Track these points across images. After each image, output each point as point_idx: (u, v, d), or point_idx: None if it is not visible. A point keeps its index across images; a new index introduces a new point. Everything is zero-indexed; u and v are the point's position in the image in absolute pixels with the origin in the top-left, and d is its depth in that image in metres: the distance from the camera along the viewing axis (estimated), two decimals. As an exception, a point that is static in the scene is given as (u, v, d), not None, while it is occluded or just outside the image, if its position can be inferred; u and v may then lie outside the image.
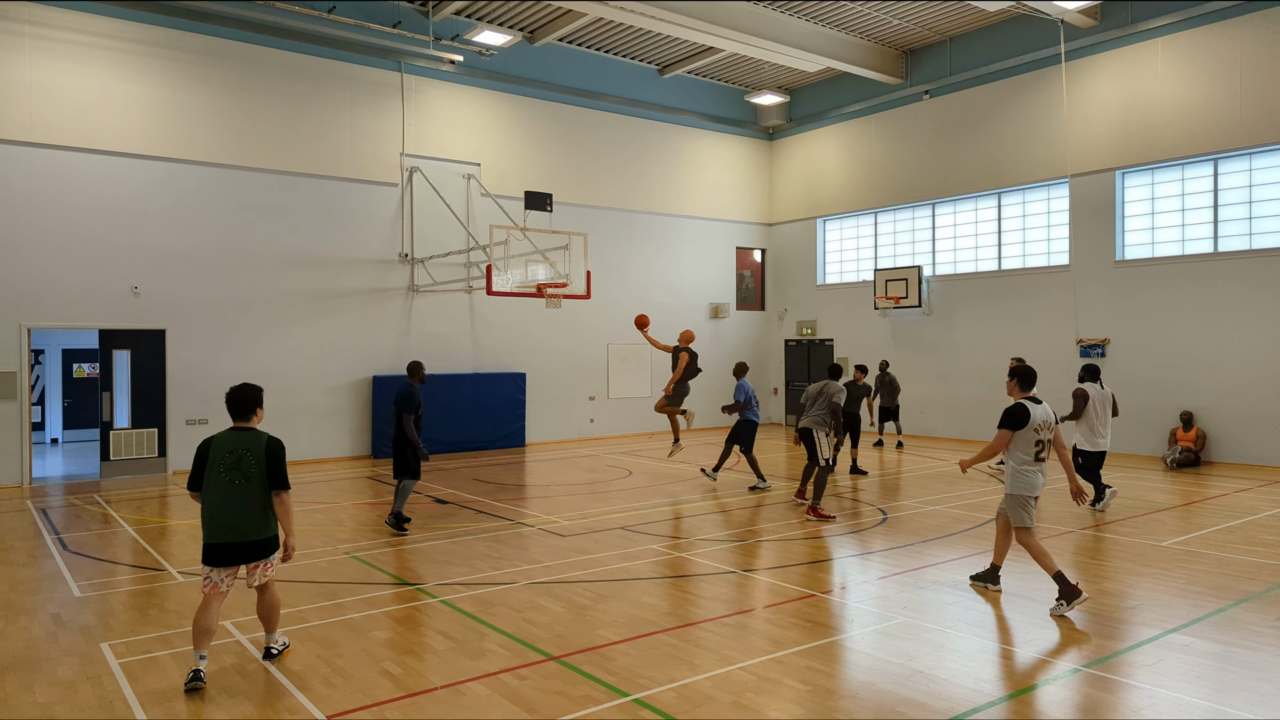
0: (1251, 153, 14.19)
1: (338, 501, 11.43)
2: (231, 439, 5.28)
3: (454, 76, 17.06)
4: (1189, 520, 9.74)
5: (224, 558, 5.15)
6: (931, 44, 18.56)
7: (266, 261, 14.98)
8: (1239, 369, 14.13)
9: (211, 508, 5.16)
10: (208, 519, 5.16)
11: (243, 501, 5.15)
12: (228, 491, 5.15)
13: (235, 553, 5.16)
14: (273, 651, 5.49)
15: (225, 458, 5.19)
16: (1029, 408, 6.44)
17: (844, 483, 12.57)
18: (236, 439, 5.28)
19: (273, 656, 5.46)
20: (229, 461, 5.18)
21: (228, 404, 5.45)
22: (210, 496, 5.17)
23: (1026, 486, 6.52)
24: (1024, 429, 6.42)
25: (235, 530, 5.14)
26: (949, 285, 18.60)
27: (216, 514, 5.15)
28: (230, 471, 5.17)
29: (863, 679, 5.11)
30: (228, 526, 5.13)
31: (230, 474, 5.16)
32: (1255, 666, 5.24)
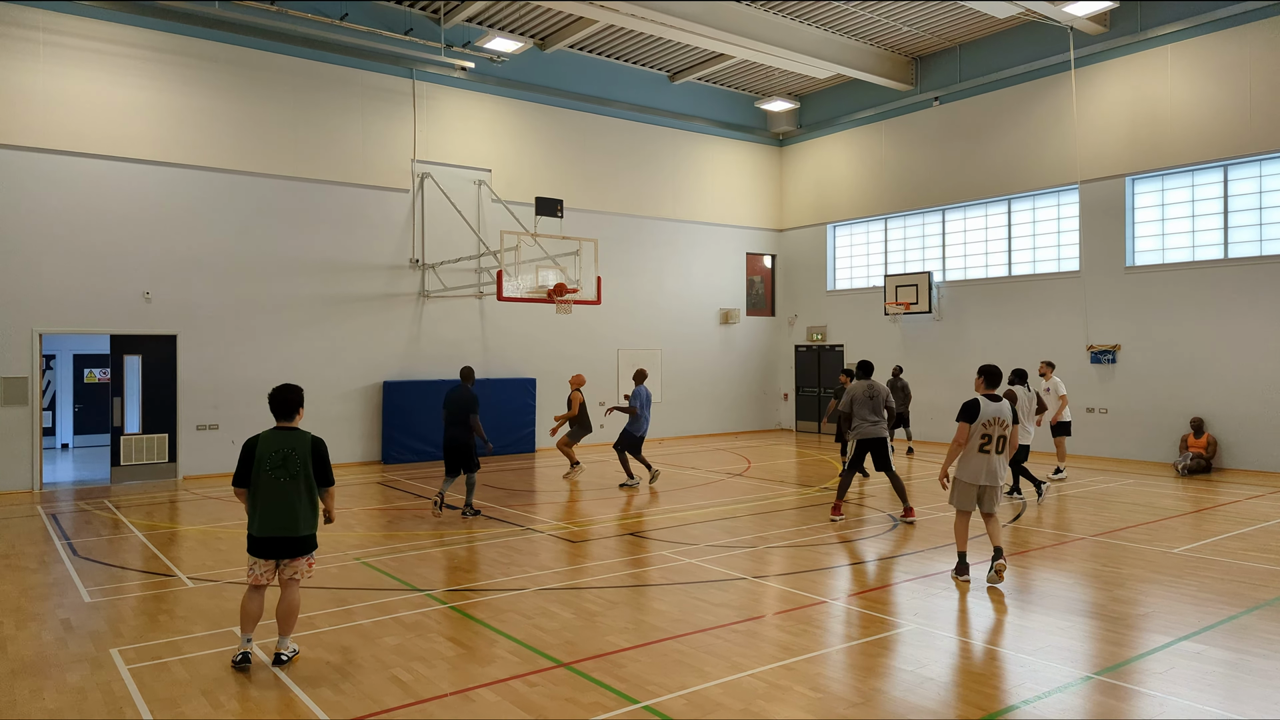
0: (1262, 159, 14.11)
1: (348, 507, 11.45)
2: (277, 438, 5.50)
3: (465, 83, 17.15)
4: (1200, 527, 9.67)
5: (269, 550, 5.43)
6: (941, 51, 18.55)
7: (278, 267, 15.07)
8: (1250, 375, 14.03)
9: (261, 503, 5.42)
10: (257, 513, 5.42)
11: (289, 498, 5.42)
12: (275, 488, 5.41)
13: (279, 546, 5.43)
14: (282, 658, 5.49)
15: (272, 456, 5.43)
16: (981, 403, 7.01)
17: (869, 486, 12.53)
18: (282, 438, 5.50)
19: (282, 663, 5.47)
20: (275, 460, 5.42)
21: (271, 404, 5.64)
22: (259, 493, 5.42)
23: (970, 474, 7.13)
24: (975, 422, 6.99)
25: (281, 525, 5.41)
26: (959, 291, 18.54)
27: (265, 509, 5.41)
28: (277, 470, 5.41)
29: (873, 686, 5.09)
30: (275, 521, 5.40)
31: (277, 472, 5.41)
32: (1268, 674, 5.19)
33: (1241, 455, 14.14)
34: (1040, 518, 10.26)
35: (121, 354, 13.93)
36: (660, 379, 19.84)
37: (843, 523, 9.95)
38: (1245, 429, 14.10)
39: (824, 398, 21.50)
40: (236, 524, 10.27)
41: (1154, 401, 15.19)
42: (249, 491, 5.48)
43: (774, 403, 22.52)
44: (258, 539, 5.45)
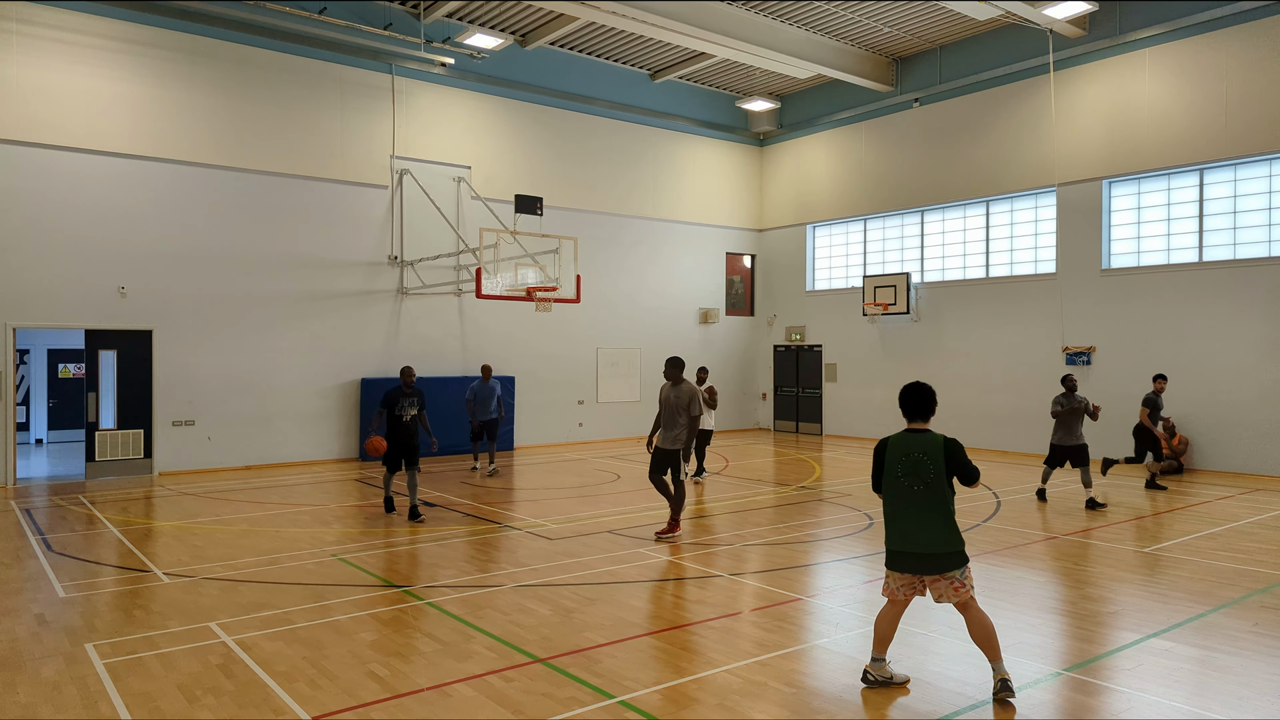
0: (1236, 163, 14.36)
1: (325, 504, 11.39)
2: (908, 441, 4.94)
3: (445, 79, 17.07)
4: (1171, 526, 9.84)
5: (902, 565, 4.93)
6: (921, 52, 18.70)
7: (255, 263, 14.93)
8: (1222, 378, 14.28)
9: (891, 511, 4.98)
10: (888, 523, 5.00)
11: (920, 508, 4.85)
12: (905, 497, 4.90)
13: (917, 562, 4.89)
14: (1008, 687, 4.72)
15: (902, 461, 4.91)
16: None
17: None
18: (913, 441, 4.93)
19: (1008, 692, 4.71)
20: (906, 465, 4.89)
21: (904, 403, 5.05)
22: (889, 501, 4.99)
23: None
24: None
25: (911, 539, 4.87)
26: (937, 292, 18.72)
27: (895, 519, 4.96)
28: (908, 476, 4.88)
29: (848, 682, 5.15)
30: (904, 534, 4.90)
31: (908, 478, 4.88)
32: (1234, 671, 5.30)
33: (1213, 456, 14.39)
34: (1013, 517, 10.40)
35: (96, 349, 13.76)
36: (640, 378, 19.87)
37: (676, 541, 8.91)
38: (1217, 430, 14.35)
39: (803, 398, 21.65)
40: (212, 520, 10.19)
41: (1128, 403, 15.39)
42: (883, 499, 5.05)
43: (752, 402, 22.62)
44: (893, 552, 4.95)
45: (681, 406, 8.80)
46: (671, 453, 8.92)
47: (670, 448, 8.91)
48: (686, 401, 8.79)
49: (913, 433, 4.97)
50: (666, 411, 8.92)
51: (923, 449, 4.87)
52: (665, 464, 9.00)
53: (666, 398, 8.94)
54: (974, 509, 10.80)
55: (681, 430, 8.83)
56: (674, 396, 8.87)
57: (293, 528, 9.76)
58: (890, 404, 19.30)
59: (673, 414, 8.87)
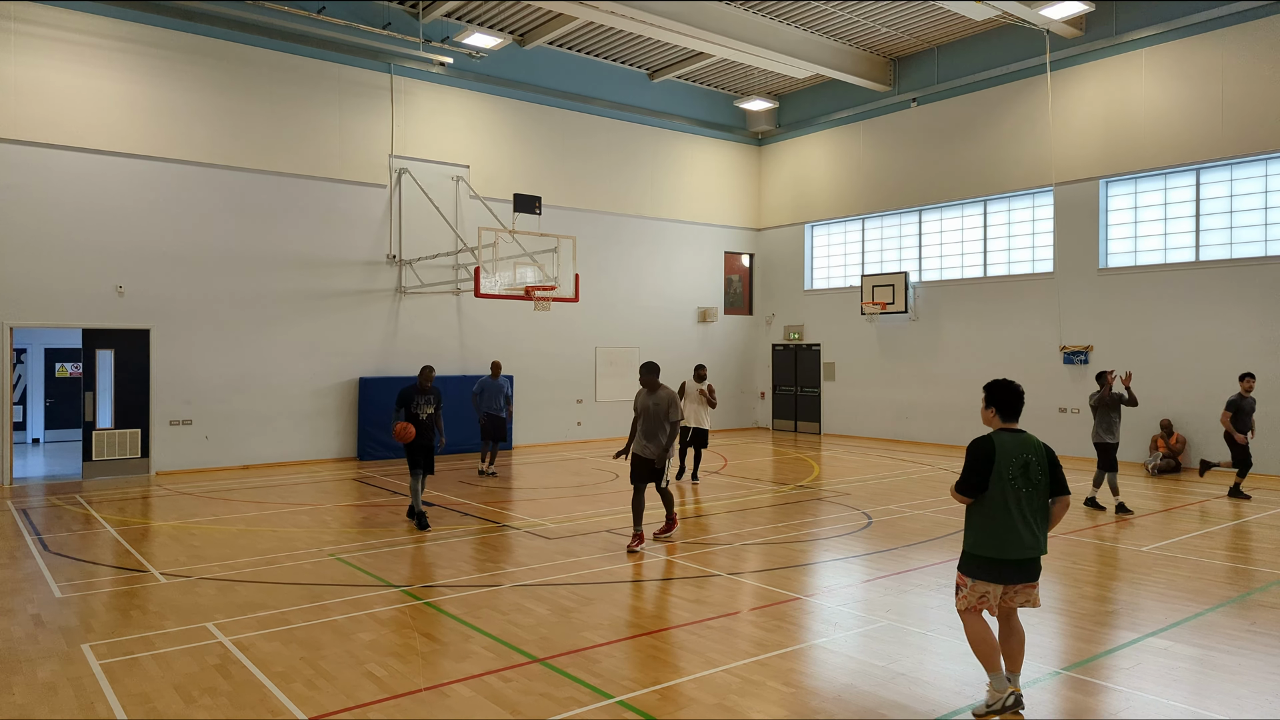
0: (1233, 163, 14.37)
1: (323, 503, 11.38)
2: (1016, 443, 4.65)
3: (443, 78, 17.05)
4: (1169, 526, 9.85)
5: (1001, 574, 4.62)
6: (919, 52, 18.70)
7: (253, 262, 14.91)
8: (1219, 377, 14.28)
9: (1001, 518, 4.57)
10: (995, 530, 4.59)
11: (1031, 513, 4.60)
12: (1017, 501, 4.57)
13: (1016, 570, 4.63)
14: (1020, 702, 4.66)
15: (1013, 463, 4.59)
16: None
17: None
18: (1017, 443, 4.65)
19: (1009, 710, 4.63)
20: (1017, 467, 4.59)
21: (1000, 401, 4.76)
22: (994, 506, 4.58)
23: None
24: None
25: (1015, 546, 4.58)
26: (935, 291, 18.72)
27: (997, 525, 4.58)
28: (1019, 479, 4.59)
29: (846, 681, 5.14)
30: (1007, 541, 4.58)
31: (1019, 481, 4.58)
32: (1232, 670, 5.31)
33: (1211, 455, 14.39)
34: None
35: (94, 348, 13.73)
36: (637, 377, 19.86)
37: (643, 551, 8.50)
38: (1214, 429, 14.35)
39: (802, 397, 21.65)
40: (210, 520, 10.17)
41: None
42: (976, 504, 4.66)
43: (751, 401, 22.62)
44: (994, 561, 4.60)
45: (661, 414, 8.37)
46: (660, 472, 8.51)
47: (653, 456, 8.46)
48: (666, 408, 8.36)
49: (1014, 433, 4.70)
50: (646, 420, 8.44)
51: (1029, 451, 4.64)
52: (648, 474, 8.53)
53: (644, 405, 8.47)
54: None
55: (664, 439, 8.42)
56: (652, 404, 8.41)
57: (290, 528, 9.75)
58: (887, 403, 19.34)
59: (653, 422, 8.40)
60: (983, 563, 4.64)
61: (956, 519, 10.09)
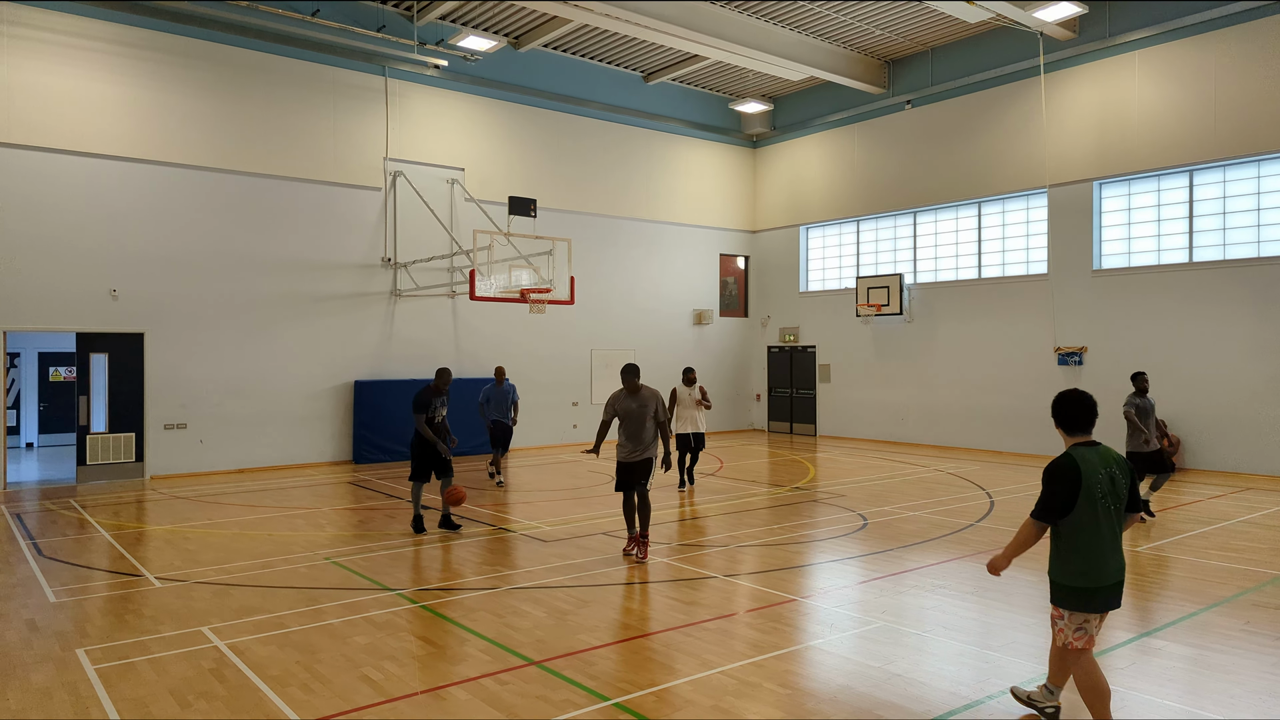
0: (1225, 165, 14.44)
1: (319, 507, 11.36)
2: (1097, 457, 4.26)
3: (438, 81, 17.05)
4: (1163, 526, 9.88)
5: (1101, 602, 4.24)
6: (913, 54, 18.76)
7: (247, 265, 14.89)
8: (1213, 377, 14.35)
9: (1093, 541, 4.19)
10: (1089, 556, 4.19)
11: (1114, 534, 4.26)
12: (1108, 521, 4.22)
13: (1110, 595, 4.26)
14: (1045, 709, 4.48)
15: (1100, 480, 4.20)
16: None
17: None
18: (1101, 456, 4.28)
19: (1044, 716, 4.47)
20: (1105, 484, 4.21)
21: (1069, 417, 4.38)
22: (1086, 529, 4.18)
23: None
24: None
25: (1109, 570, 4.23)
26: (930, 293, 18.77)
27: (1091, 549, 4.19)
28: (1109, 496, 4.22)
29: (841, 682, 5.15)
30: (1102, 566, 4.20)
31: (1109, 499, 4.22)
32: (1227, 669, 5.33)
33: (1204, 455, 14.46)
34: (1006, 516, 10.42)
35: (88, 352, 13.69)
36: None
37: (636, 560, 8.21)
38: (1208, 430, 14.42)
39: (797, 399, 21.68)
40: (205, 524, 10.15)
41: (1120, 403, 15.42)
42: (1060, 528, 4.25)
43: (747, 403, 22.63)
44: (1094, 590, 4.19)
45: (648, 414, 8.03)
46: (643, 464, 8.12)
47: (640, 459, 8.09)
48: (654, 407, 8.03)
49: (1091, 447, 4.30)
50: (628, 423, 8.05)
51: (1112, 464, 4.27)
52: (635, 479, 8.15)
53: (625, 409, 8.04)
54: (966, 509, 10.83)
55: (652, 441, 8.09)
56: (636, 405, 8.02)
57: (286, 531, 9.72)
58: (883, 404, 19.36)
59: (636, 425, 8.04)
60: (1078, 593, 4.23)
61: (952, 520, 10.11)
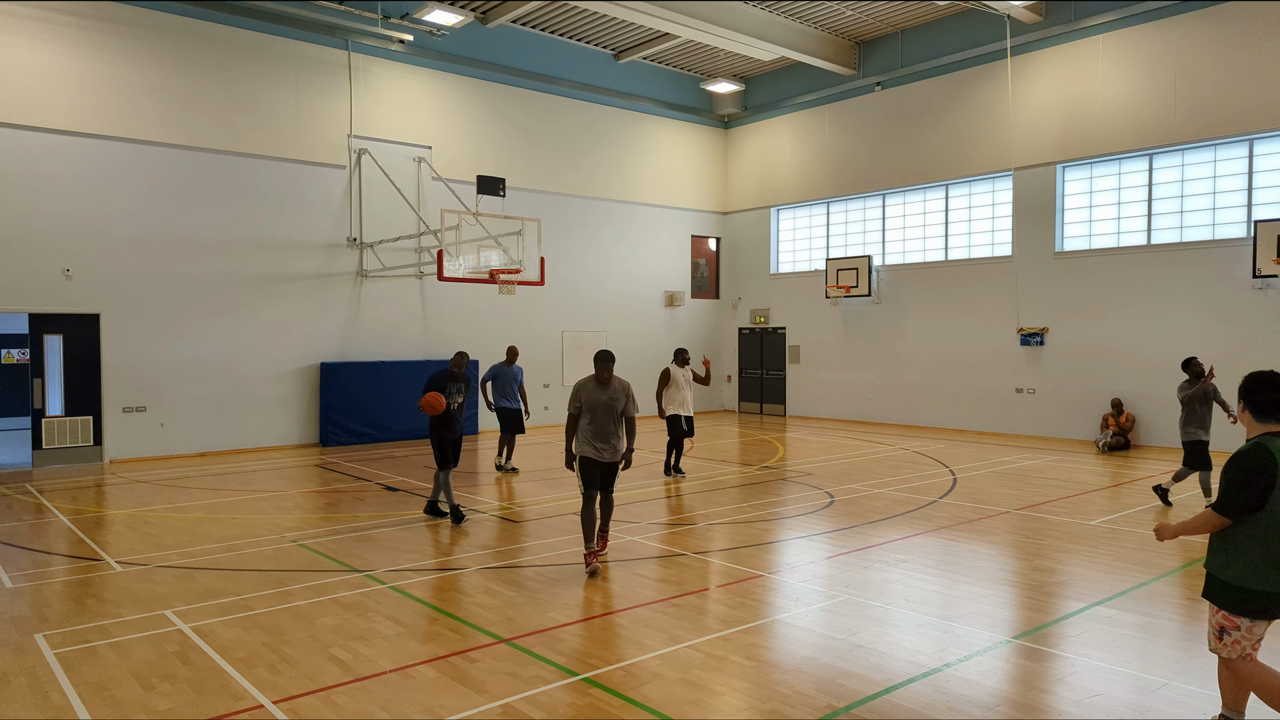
0: (1184, 149, 14.72)
1: (284, 490, 11.25)
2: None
3: (403, 56, 16.77)
4: (1117, 500, 10.16)
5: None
6: (883, 35, 18.82)
7: (207, 244, 14.59)
8: (1168, 356, 14.69)
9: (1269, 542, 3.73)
10: (1254, 555, 3.75)
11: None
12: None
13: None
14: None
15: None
16: None
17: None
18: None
19: None
20: None
21: (1263, 400, 3.90)
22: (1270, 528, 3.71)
23: None
24: None
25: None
26: (898, 275, 18.96)
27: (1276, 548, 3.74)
28: None
29: (805, 654, 5.25)
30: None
31: None
32: (1173, 636, 5.52)
33: (1158, 433, 14.85)
34: (969, 493, 10.64)
35: (41, 333, 13.36)
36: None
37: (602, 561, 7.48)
38: (1163, 407, 14.79)
39: (767, 379, 21.84)
40: (167, 508, 10.01)
41: (1078, 382, 15.83)
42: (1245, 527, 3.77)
43: (718, 384, 22.76)
44: (1271, 596, 3.73)
45: (619, 409, 7.13)
46: (612, 466, 7.22)
47: (610, 460, 7.17)
48: (624, 403, 7.15)
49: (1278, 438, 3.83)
50: (597, 417, 7.08)
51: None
52: (604, 481, 7.25)
53: (594, 401, 7.05)
54: (931, 486, 11.03)
55: (620, 438, 7.22)
56: (606, 397, 7.06)
57: (251, 514, 9.63)
58: (851, 385, 19.58)
59: (605, 419, 7.09)
60: (1262, 599, 3.75)
61: (916, 497, 10.29)
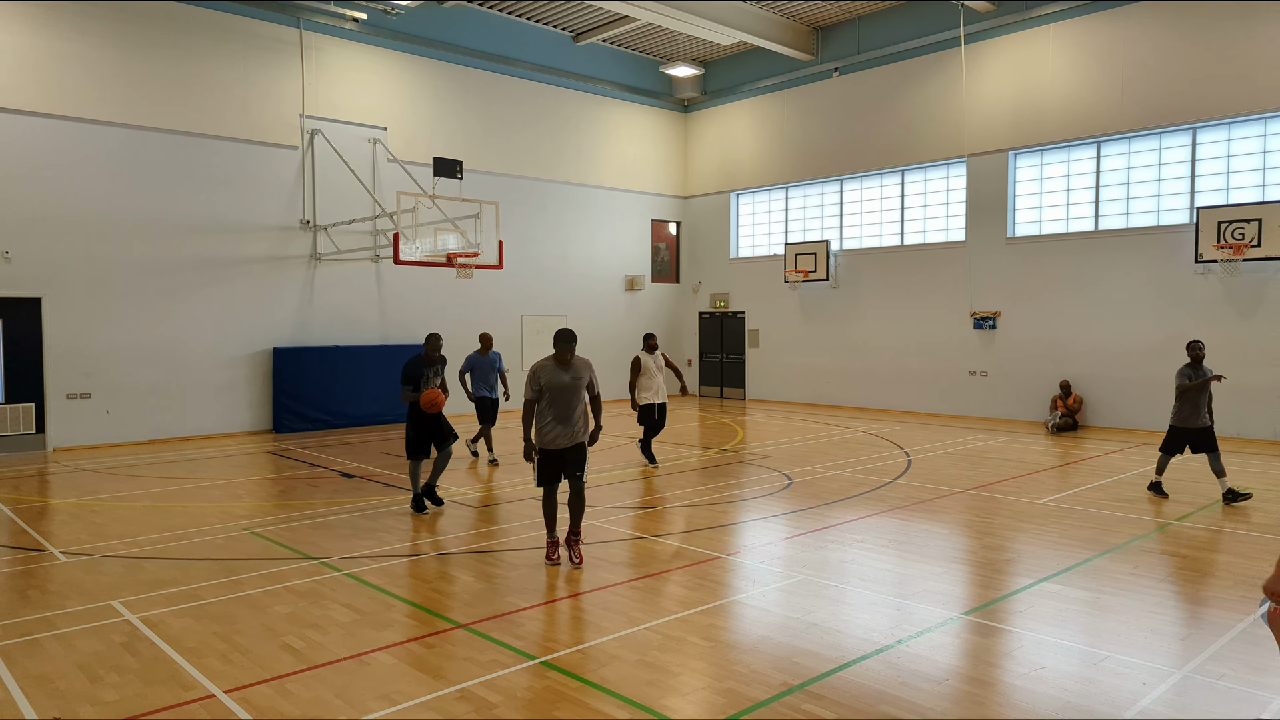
0: (1130, 136, 15.09)
1: (237, 477, 11.03)
2: None
3: (358, 35, 16.40)
4: (1065, 480, 10.45)
5: None
6: (841, 22, 18.91)
7: (154, 226, 14.17)
8: (1114, 339, 15.13)
9: None
10: None
11: None
12: None
13: None
14: None
15: None
16: None
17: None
18: None
19: None
20: None
21: None
22: None
23: None
24: None
25: None
26: (855, 259, 19.17)
27: None
28: None
29: (762, 633, 5.32)
30: None
31: None
32: (1116, 610, 5.71)
33: (1105, 414, 15.29)
34: (922, 474, 10.85)
35: (-21, 318, 12.88)
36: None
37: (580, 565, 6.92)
38: (1109, 389, 15.23)
39: (727, 363, 21.97)
40: (114, 497, 9.75)
41: (1028, 364, 16.21)
42: None
43: (679, 368, 22.80)
44: None
45: (581, 389, 6.70)
46: (577, 449, 6.80)
47: (573, 444, 6.76)
48: (587, 379, 6.75)
49: None
50: (558, 400, 6.63)
51: None
52: (569, 469, 6.81)
53: (556, 383, 6.60)
54: (886, 467, 11.23)
55: (585, 419, 6.85)
56: (569, 379, 6.63)
57: (201, 503, 9.43)
58: (809, 368, 19.80)
59: (570, 401, 6.66)
60: None
61: (873, 478, 10.47)
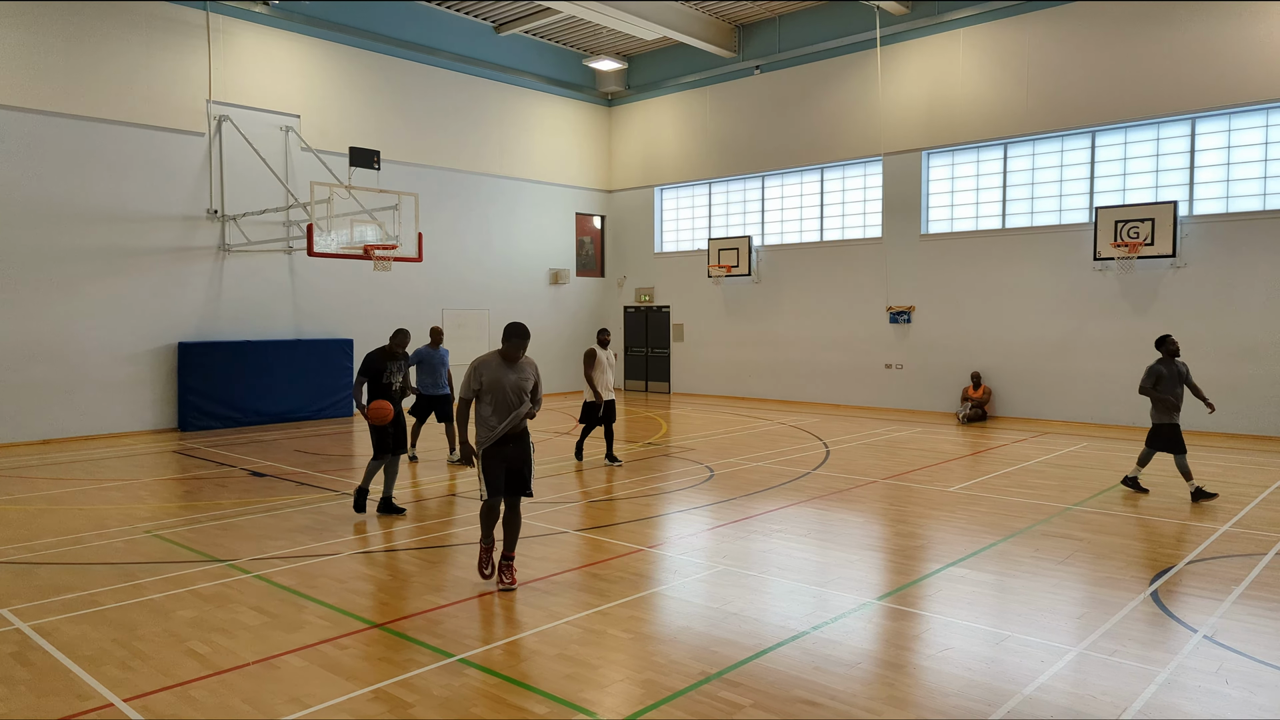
0: (1035, 139, 15.79)
1: (138, 478, 10.51)
2: None
3: (268, 19, 15.78)
4: (974, 468, 10.89)
5: None
6: (763, 20, 19.18)
7: (46, 214, 13.34)
8: (1020, 334, 15.83)
9: None
10: None
11: None
12: None
13: None
14: None
15: None
16: None
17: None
18: None
19: None
20: None
21: None
22: None
23: None
24: None
25: None
26: (776, 255, 19.52)
27: None
28: None
29: (681, 624, 5.38)
30: None
31: None
32: (1018, 591, 5.98)
33: (1012, 404, 15.99)
34: (840, 465, 11.14)
35: None
36: (488, 340, 19.55)
37: None
38: (1016, 380, 15.94)
39: (652, 357, 22.08)
40: (3, 499, 9.16)
41: (941, 357, 16.83)
42: None
43: (603, 362, 22.80)
44: None
45: (526, 390, 6.07)
46: (525, 456, 6.12)
47: (522, 450, 6.11)
48: (533, 382, 6.13)
49: None
50: (502, 402, 5.95)
51: None
52: (519, 477, 6.13)
53: (502, 381, 5.93)
54: (805, 458, 11.48)
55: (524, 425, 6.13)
56: (515, 378, 5.99)
57: (99, 505, 8.95)
58: (732, 362, 20.07)
59: (510, 404, 5.98)
60: None
61: (792, 469, 10.68)
